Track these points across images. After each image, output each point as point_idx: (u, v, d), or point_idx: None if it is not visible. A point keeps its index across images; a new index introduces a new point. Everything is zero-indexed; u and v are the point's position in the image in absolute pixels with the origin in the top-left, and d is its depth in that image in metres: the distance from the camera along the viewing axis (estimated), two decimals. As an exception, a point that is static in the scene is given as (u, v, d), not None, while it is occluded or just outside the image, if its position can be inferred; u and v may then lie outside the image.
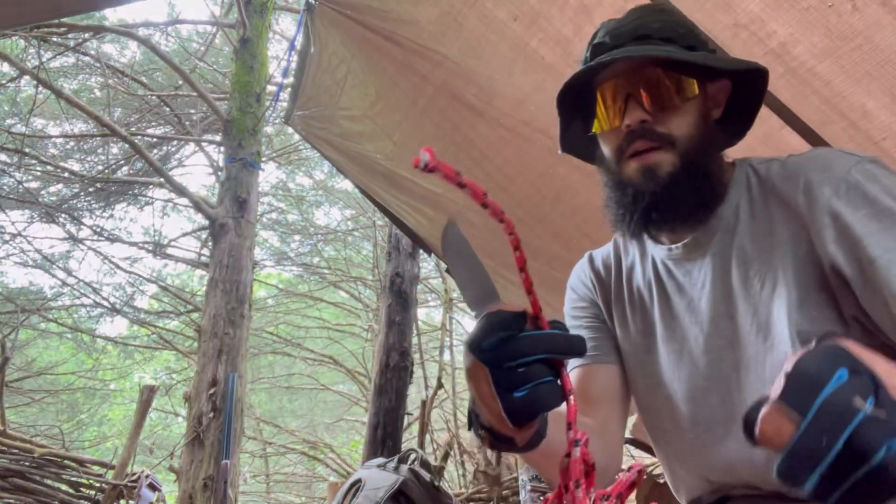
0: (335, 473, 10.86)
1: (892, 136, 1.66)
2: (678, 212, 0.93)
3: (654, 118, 0.92)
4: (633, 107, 0.92)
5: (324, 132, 3.17)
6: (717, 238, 0.96)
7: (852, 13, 1.49)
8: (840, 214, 0.85)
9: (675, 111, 0.92)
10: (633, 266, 1.09)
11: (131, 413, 6.39)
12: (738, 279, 0.93)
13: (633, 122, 0.92)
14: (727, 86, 0.99)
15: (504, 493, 4.55)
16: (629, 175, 0.94)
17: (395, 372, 5.72)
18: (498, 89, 2.28)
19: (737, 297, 0.93)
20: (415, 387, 7.76)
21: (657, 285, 1.04)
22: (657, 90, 0.92)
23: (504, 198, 2.72)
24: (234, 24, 7.33)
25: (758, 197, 0.94)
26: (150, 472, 4.38)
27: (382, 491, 2.27)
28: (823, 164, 0.89)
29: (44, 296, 9.94)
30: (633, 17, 0.97)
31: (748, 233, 0.93)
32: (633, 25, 0.95)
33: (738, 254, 0.93)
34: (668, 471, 1.08)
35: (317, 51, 2.67)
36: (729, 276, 0.94)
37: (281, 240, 12.54)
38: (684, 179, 0.91)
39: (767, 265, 0.91)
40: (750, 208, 0.94)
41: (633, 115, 0.92)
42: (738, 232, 0.94)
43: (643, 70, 0.92)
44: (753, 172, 0.97)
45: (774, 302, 0.89)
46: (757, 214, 0.93)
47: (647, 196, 0.92)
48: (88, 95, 9.21)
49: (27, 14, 2.16)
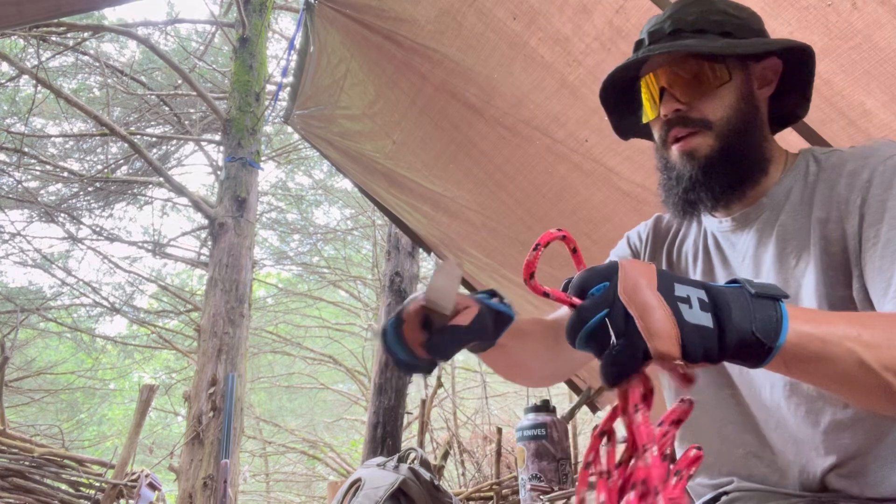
0: (335, 472, 10.86)
1: (892, 135, 1.67)
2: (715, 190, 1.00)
3: (688, 106, 0.99)
4: (668, 98, 1.00)
5: (323, 131, 3.16)
6: (765, 215, 1.01)
7: (851, 12, 1.49)
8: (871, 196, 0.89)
9: (710, 96, 0.99)
10: (687, 234, 1.16)
11: (131, 412, 6.39)
12: (775, 253, 0.98)
13: (669, 112, 1.00)
14: (776, 63, 1.03)
15: (504, 493, 4.56)
16: (673, 159, 1.03)
17: (394, 371, 5.72)
18: (497, 88, 2.28)
19: (771, 269, 0.98)
20: (414, 386, 7.76)
21: (703, 254, 1.10)
22: (688, 80, 0.99)
23: (504, 196, 2.72)
24: (234, 23, 7.33)
25: (811, 181, 0.99)
26: (149, 472, 4.37)
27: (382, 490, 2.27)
28: (871, 151, 0.94)
29: (43, 295, 9.94)
30: (668, 14, 1.04)
31: (793, 212, 0.98)
32: (669, 22, 1.03)
33: (779, 230, 0.99)
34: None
35: (316, 50, 2.67)
36: (767, 249, 0.99)
37: (280, 239, 12.54)
38: (722, 159, 0.99)
39: (804, 242, 0.95)
40: (801, 191, 0.99)
41: (668, 106, 1.00)
42: (784, 210, 0.99)
43: (674, 63, 1.00)
44: (814, 160, 1.01)
45: (805, 277, 0.94)
46: (805, 196, 0.98)
47: (686, 178, 1.00)
48: (88, 95, 9.21)
49: (27, 14, 2.16)
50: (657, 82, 1.01)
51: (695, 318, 0.64)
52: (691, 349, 0.63)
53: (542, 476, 2.16)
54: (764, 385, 0.98)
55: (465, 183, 2.79)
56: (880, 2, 1.45)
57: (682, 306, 0.64)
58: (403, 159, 2.95)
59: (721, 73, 0.99)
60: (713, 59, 0.99)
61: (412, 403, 6.88)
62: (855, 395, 0.75)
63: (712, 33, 1.00)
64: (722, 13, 1.02)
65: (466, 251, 3.30)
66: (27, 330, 9.88)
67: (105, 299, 9.36)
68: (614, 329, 0.64)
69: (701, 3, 1.03)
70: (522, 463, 2.23)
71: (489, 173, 2.64)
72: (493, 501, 4.32)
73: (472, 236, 3.14)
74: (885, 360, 0.69)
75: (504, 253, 3.01)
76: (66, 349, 11.75)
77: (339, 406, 13.28)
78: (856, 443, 0.90)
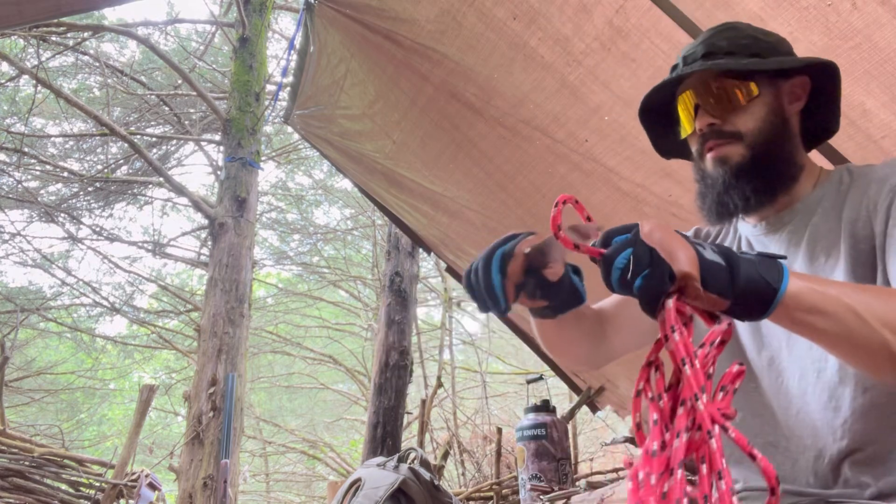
0: (335, 472, 10.86)
1: (892, 135, 1.67)
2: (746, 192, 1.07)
3: (721, 120, 1.08)
4: (702, 114, 1.09)
5: (323, 131, 3.16)
6: (797, 218, 1.09)
7: (851, 12, 1.49)
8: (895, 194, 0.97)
9: (741, 110, 1.08)
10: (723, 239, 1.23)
11: (131, 412, 6.39)
12: (806, 252, 1.05)
13: (703, 126, 1.09)
14: (804, 81, 1.12)
15: (504, 493, 4.56)
16: (707, 168, 1.11)
17: (394, 371, 5.72)
18: (497, 88, 2.28)
19: (801, 267, 1.04)
20: (414, 386, 7.76)
21: None
22: (720, 96, 1.09)
23: (504, 196, 2.72)
24: (234, 23, 7.33)
25: (843, 190, 1.06)
26: (149, 472, 4.38)
27: (382, 490, 2.27)
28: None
29: (43, 295, 9.93)
30: (702, 40, 1.14)
31: (824, 215, 1.05)
32: (701, 47, 1.13)
33: (811, 231, 1.06)
34: None
35: (316, 50, 2.67)
36: (799, 249, 1.06)
37: (280, 239, 12.53)
38: (752, 165, 1.07)
39: (833, 241, 1.02)
40: (834, 198, 1.06)
41: (703, 120, 1.09)
42: (816, 213, 1.07)
43: (707, 82, 1.10)
44: (847, 172, 1.09)
45: (834, 273, 0.99)
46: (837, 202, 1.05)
47: (720, 182, 1.08)
48: (87, 95, 9.21)
49: (27, 14, 2.16)
50: (692, 100, 1.11)
51: (710, 256, 0.76)
52: (709, 277, 0.75)
53: (542, 476, 2.16)
54: (794, 374, 1.03)
55: (465, 183, 2.79)
56: (880, 2, 1.45)
57: (697, 247, 0.77)
58: (403, 159, 2.95)
59: (750, 88, 1.08)
60: (742, 76, 1.08)
61: (412, 403, 6.88)
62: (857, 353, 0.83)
63: (741, 55, 1.09)
64: (750, 37, 1.11)
65: (466, 251, 3.30)
66: (27, 330, 9.88)
67: (105, 299, 9.36)
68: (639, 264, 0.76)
69: (731, 30, 1.13)
70: (522, 463, 2.23)
71: (489, 173, 2.64)
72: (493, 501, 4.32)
73: (472, 236, 3.14)
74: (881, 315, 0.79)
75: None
76: (66, 349, 11.75)
77: (339, 406, 13.28)
78: (873, 429, 0.95)
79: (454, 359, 8.60)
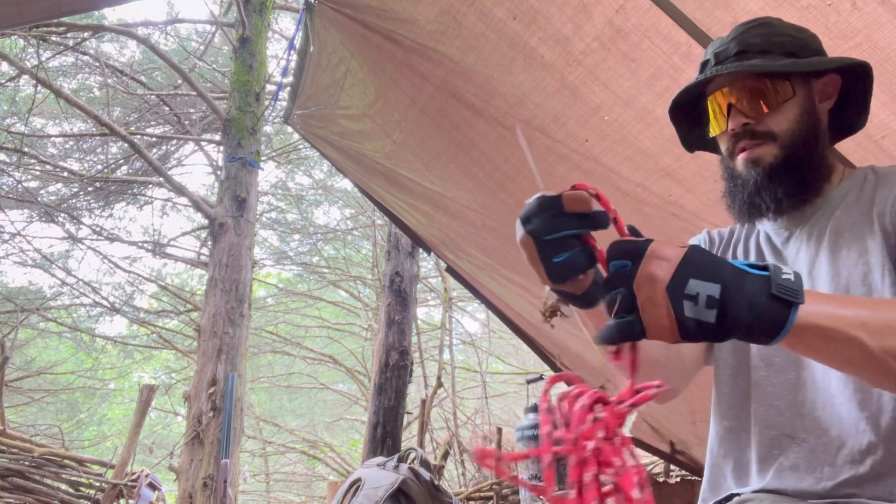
0: (335, 472, 10.86)
1: (892, 135, 1.67)
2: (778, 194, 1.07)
3: (755, 120, 1.07)
4: (735, 114, 1.08)
5: (323, 131, 3.16)
6: (819, 212, 1.09)
7: (851, 11, 1.49)
8: None
9: (774, 111, 1.07)
10: (742, 235, 1.23)
11: (131, 412, 6.39)
12: (828, 245, 1.05)
13: (736, 126, 1.08)
14: (836, 79, 1.11)
15: (504, 493, 4.56)
16: (738, 168, 1.10)
17: (394, 371, 5.73)
18: (497, 88, 2.28)
19: (823, 260, 1.04)
20: (414, 386, 7.77)
21: (756, 251, 1.18)
22: (754, 96, 1.07)
23: (504, 196, 2.71)
24: (234, 23, 7.33)
25: (867, 187, 1.07)
26: (149, 472, 4.38)
27: (382, 490, 2.27)
28: None
29: (43, 295, 9.93)
30: (733, 36, 1.12)
31: (847, 208, 1.06)
32: (734, 44, 1.11)
33: (833, 224, 1.06)
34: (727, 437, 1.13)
35: (316, 50, 2.67)
36: (821, 242, 1.06)
37: (280, 239, 12.54)
38: (785, 166, 1.06)
39: (857, 234, 1.02)
40: (857, 194, 1.07)
41: (736, 121, 1.08)
42: (839, 207, 1.07)
43: (740, 81, 1.08)
44: (872, 171, 1.09)
45: (857, 267, 1.00)
46: (861, 198, 1.06)
47: (751, 183, 1.08)
48: (87, 95, 9.21)
49: (27, 14, 2.16)
50: (725, 99, 1.09)
51: (696, 315, 0.72)
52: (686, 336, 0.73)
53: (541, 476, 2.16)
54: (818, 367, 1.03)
55: (465, 183, 2.78)
56: (880, 2, 1.45)
57: (686, 304, 0.72)
58: (403, 159, 2.95)
59: (785, 89, 1.07)
60: (778, 76, 1.07)
61: (412, 403, 6.88)
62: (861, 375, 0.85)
63: (775, 53, 1.08)
64: (784, 35, 1.10)
65: (466, 251, 3.30)
66: (27, 330, 9.89)
67: (105, 299, 9.36)
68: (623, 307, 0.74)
69: (764, 26, 1.12)
70: (523, 462, 2.23)
71: (489, 173, 2.64)
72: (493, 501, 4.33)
73: (472, 236, 3.14)
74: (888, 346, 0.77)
75: (504, 253, 3.00)
76: (66, 349, 11.76)
77: (339, 406, 13.29)
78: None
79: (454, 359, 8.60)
